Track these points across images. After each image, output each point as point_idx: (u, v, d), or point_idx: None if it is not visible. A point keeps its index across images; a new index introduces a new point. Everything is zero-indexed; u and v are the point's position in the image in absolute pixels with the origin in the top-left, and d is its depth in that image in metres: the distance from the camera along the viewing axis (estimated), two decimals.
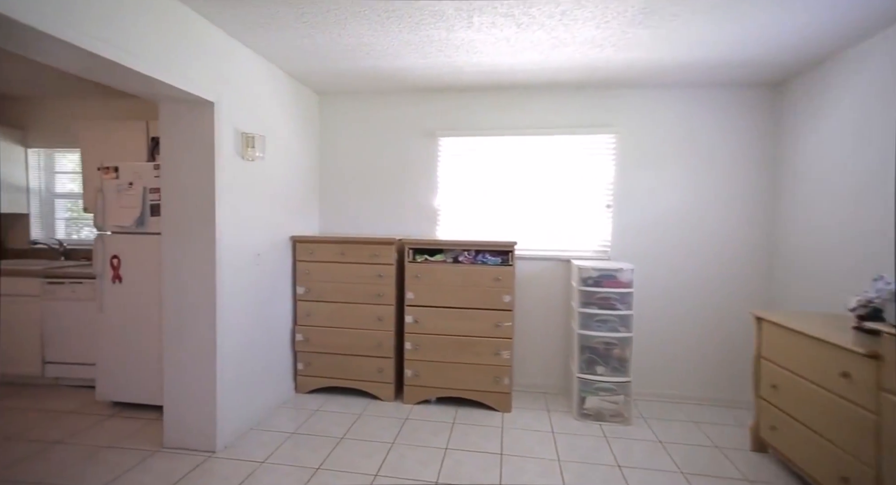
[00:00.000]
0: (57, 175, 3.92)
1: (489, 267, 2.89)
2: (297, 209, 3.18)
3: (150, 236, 2.72)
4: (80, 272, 3.07)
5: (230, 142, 2.43)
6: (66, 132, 3.74)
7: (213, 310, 2.34)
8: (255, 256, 2.68)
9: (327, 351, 3.06)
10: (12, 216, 3.84)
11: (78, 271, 3.08)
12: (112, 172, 2.76)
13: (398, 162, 3.43)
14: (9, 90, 3.57)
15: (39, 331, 3.12)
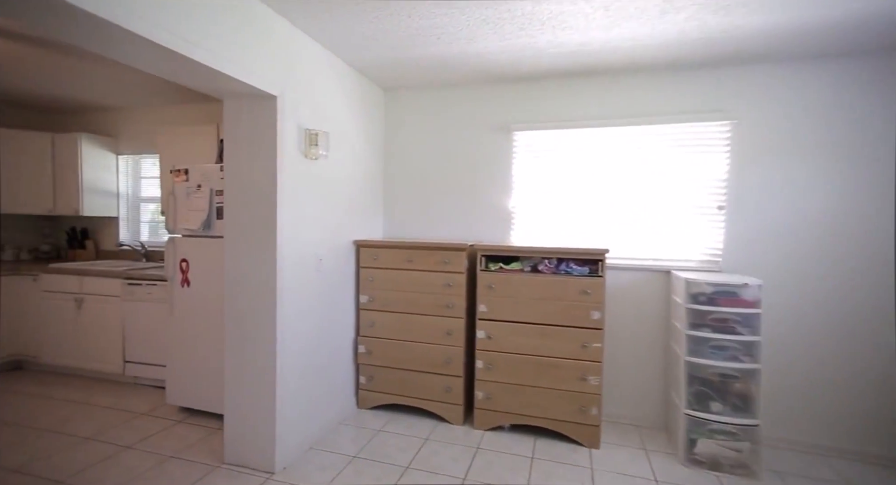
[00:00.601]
0: (142, 180, 4.10)
1: (574, 278, 2.49)
2: (360, 212, 2.99)
3: (216, 240, 2.65)
4: (155, 275, 3.11)
5: (293, 139, 2.27)
6: (149, 139, 3.89)
7: (274, 318, 2.18)
8: (318, 261, 2.51)
9: (391, 365, 2.83)
10: (105, 219, 4.07)
11: (153, 273, 3.12)
12: (182, 174, 2.74)
13: (468, 160, 3.13)
14: (103, 101, 3.78)
15: (121, 330, 3.21)
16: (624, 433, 2.67)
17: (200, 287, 2.71)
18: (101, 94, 3.58)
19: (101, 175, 3.87)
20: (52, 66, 2.89)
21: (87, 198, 3.75)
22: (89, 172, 3.77)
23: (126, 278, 3.18)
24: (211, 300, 2.68)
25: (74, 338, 3.34)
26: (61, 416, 2.72)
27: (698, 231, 2.68)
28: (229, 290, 2.25)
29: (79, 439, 2.45)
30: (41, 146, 3.73)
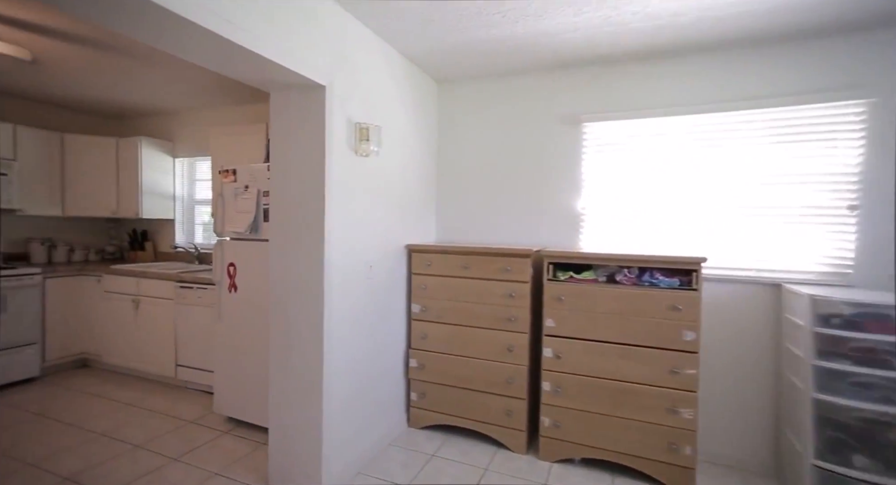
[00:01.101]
0: (197, 182, 4.12)
1: (661, 291, 2.11)
2: (412, 214, 2.75)
3: (263, 243, 2.51)
4: (206, 278, 3.04)
5: (342, 134, 2.06)
6: (204, 141, 3.89)
7: (321, 328, 1.98)
8: (368, 268, 2.29)
9: (445, 382, 2.56)
10: (162, 221, 4.13)
11: (204, 277, 3.06)
12: (230, 174, 2.63)
13: (530, 157, 2.81)
14: (161, 105, 3.82)
15: (173, 334, 3.18)
16: (723, 477, 2.24)
17: (247, 293, 2.58)
18: (160, 99, 3.60)
19: (159, 178, 3.92)
20: (114, 70, 2.90)
21: (147, 200, 3.80)
22: (148, 175, 3.82)
23: (178, 281, 3.15)
24: (257, 307, 2.54)
25: (132, 339, 3.36)
26: (117, 419, 2.70)
27: (818, 236, 2.20)
28: (274, 297, 2.08)
29: (129, 447, 2.39)
30: (106, 150, 3.82)
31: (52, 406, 2.87)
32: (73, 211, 3.74)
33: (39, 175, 3.55)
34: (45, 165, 3.59)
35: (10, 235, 3.62)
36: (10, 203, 3.31)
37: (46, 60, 2.77)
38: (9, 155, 3.36)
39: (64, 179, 3.71)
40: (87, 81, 3.19)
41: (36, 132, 3.52)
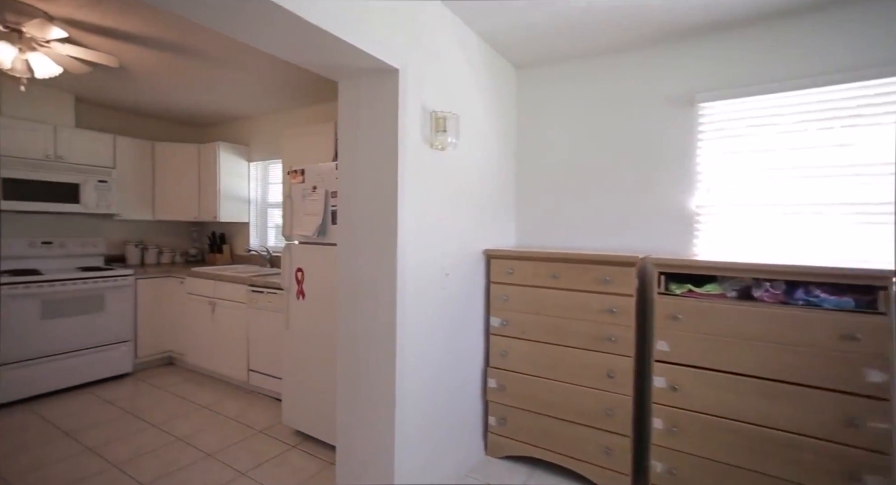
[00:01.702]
0: (270, 185, 4.16)
1: (826, 313, 1.60)
2: (489, 215, 2.45)
3: (331, 248, 2.35)
4: (276, 283, 2.97)
5: (416, 124, 1.81)
6: (276, 144, 3.91)
7: (393, 342, 1.75)
8: (444, 275, 2.03)
9: (530, 408, 2.22)
10: (238, 225, 4.23)
11: (274, 282, 3.00)
12: (298, 175, 2.51)
13: (629, 147, 2.39)
14: (238, 111, 3.89)
15: (246, 338, 3.16)
16: None
17: (316, 300, 2.44)
18: (235, 103, 3.66)
19: (235, 182, 4.00)
20: (193, 75, 2.94)
21: (224, 204, 3.89)
22: (226, 179, 3.91)
23: (250, 285, 3.12)
24: (326, 316, 2.38)
25: (210, 341, 3.42)
26: (194, 423, 2.69)
27: None
28: (343, 306, 1.89)
29: (203, 455, 2.34)
30: (189, 156, 3.97)
31: (141, 404, 2.95)
32: (162, 215, 3.92)
33: (134, 182, 3.75)
34: (139, 172, 3.79)
35: (111, 237, 3.87)
36: (110, 208, 3.52)
37: (132, 67, 2.86)
38: (109, 163, 3.58)
39: (154, 185, 3.90)
40: (171, 89, 3.29)
41: (131, 141, 3.73)
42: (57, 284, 3.06)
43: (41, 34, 2.09)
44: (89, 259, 3.64)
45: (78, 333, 3.18)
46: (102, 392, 3.17)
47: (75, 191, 3.32)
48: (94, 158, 3.49)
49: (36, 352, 2.98)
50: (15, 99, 3.14)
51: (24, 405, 2.91)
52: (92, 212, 3.42)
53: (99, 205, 3.45)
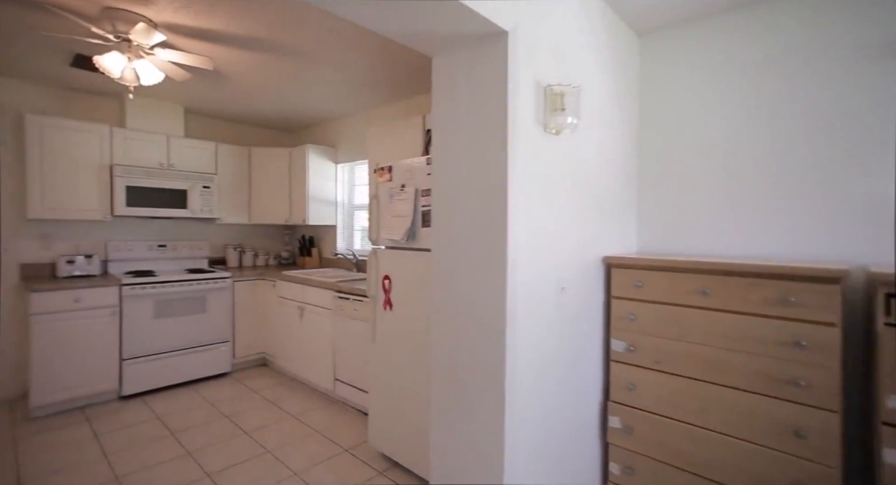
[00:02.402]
0: (356, 187, 4.09)
1: None
2: (609, 214, 2.00)
3: (422, 254, 2.08)
4: (361, 290, 2.80)
5: (528, 102, 1.45)
6: (363, 144, 3.80)
7: (501, 375, 1.41)
8: (559, 290, 1.64)
9: (667, 460, 1.74)
10: (326, 228, 4.22)
11: (359, 288, 2.83)
12: (386, 172, 2.28)
13: (806, 121, 1.78)
14: (326, 113, 3.86)
15: (332, 346, 3.05)
16: None
17: (405, 312, 2.19)
18: (323, 104, 3.61)
19: (323, 184, 3.97)
20: (283, 74, 2.89)
21: (313, 207, 3.88)
22: (314, 182, 3.89)
23: (336, 291, 3.00)
24: (416, 331, 2.12)
25: (299, 346, 3.38)
26: (283, 434, 2.61)
27: None
28: (437, 326, 1.59)
29: (289, 474, 2.21)
30: (281, 160, 4.03)
31: (237, 408, 2.97)
32: (257, 218, 4.03)
33: (232, 187, 3.89)
34: (237, 178, 3.93)
35: (213, 240, 4.07)
36: (212, 212, 3.67)
37: (226, 71, 2.87)
38: (211, 170, 3.74)
39: (250, 190, 4.02)
40: (263, 93, 3.31)
41: (230, 148, 3.87)
42: (167, 285, 3.21)
43: (146, 40, 2.11)
44: (195, 261, 3.84)
45: (184, 333, 3.32)
46: (205, 390, 3.27)
47: (183, 197, 3.50)
48: (199, 165, 3.66)
49: (150, 349, 3.15)
50: (136, 113, 3.37)
51: (140, 398, 3.08)
52: (197, 216, 3.58)
53: (203, 209, 3.61)
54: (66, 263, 3.09)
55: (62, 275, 3.07)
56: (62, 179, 3.01)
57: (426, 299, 2.04)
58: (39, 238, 3.18)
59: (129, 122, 3.34)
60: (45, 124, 2.95)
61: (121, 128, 3.27)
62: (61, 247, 3.27)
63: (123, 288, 3.03)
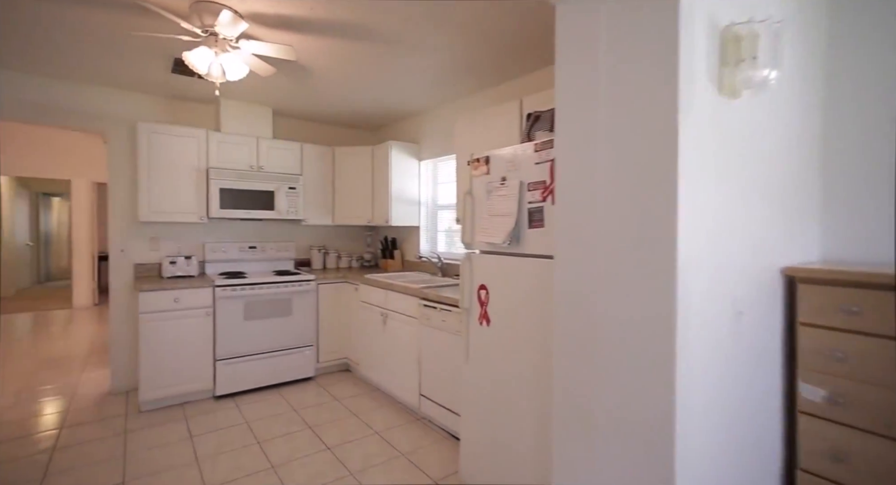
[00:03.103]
0: (440, 185, 3.83)
1: None
2: (791, 210, 1.47)
3: (528, 261, 1.71)
4: (451, 298, 2.50)
5: (700, 51, 1.02)
6: (448, 138, 3.53)
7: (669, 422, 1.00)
8: (736, 314, 1.17)
9: None
10: (409, 229, 4.02)
11: (449, 297, 2.54)
12: (482, 164, 1.95)
13: None
14: (409, 106, 3.65)
15: (417, 358, 2.80)
16: None
17: (505, 330, 1.84)
18: (408, 97, 3.40)
19: (406, 183, 3.77)
20: (366, 62, 2.71)
21: (396, 207, 3.69)
22: (397, 181, 3.71)
23: (422, 299, 2.74)
24: (521, 353, 1.76)
25: (381, 355, 3.19)
26: (366, 455, 2.41)
27: None
28: (562, 350, 1.22)
29: None
30: (363, 159, 3.91)
31: (321, 418, 2.84)
32: (340, 219, 3.95)
33: (316, 187, 3.84)
34: (321, 178, 3.87)
35: (299, 242, 4.07)
36: (297, 214, 3.64)
37: (309, 63, 2.75)
38: (297, 171, 3.71)
39: (334, 190, 3.95)
40: (346, 87, 3.17)
41: (314, 148, 3.83)
42: (256, 287, 3.21)
43: (232, 30, 2.01)
44: (282, 263, 3.85)
45: (271, 335, 3.30)
46: (290, 395, 3.21)
47: (271, 198, 3.50)
48: (286, 166, 3.65)
49: (240, 350, 3.16)
50: (230, 116, 3.44)
51: (231, 399, 3.10)
52: (284, 218, 3.57)
53: (289, 211, 3.59)
54: (170, 263, 3.21)
55: (166, 275, 3.20)
56: (166, 182, 3.13)
57: (534, 317, 1.68)
58: (149, 240, 3.35)
59: (224, 125, 3.41)
60: (153, 131, 3.07)
61: (216, 132, 3.34)
62: (167, 248, 3.42)
63: (216, 289, 3.06)
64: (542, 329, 1.65)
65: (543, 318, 1.63)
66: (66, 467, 2.23)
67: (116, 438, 2.53)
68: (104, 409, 2.93)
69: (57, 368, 3.83)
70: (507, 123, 2.43)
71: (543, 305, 1.63)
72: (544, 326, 1.62)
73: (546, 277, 1.62)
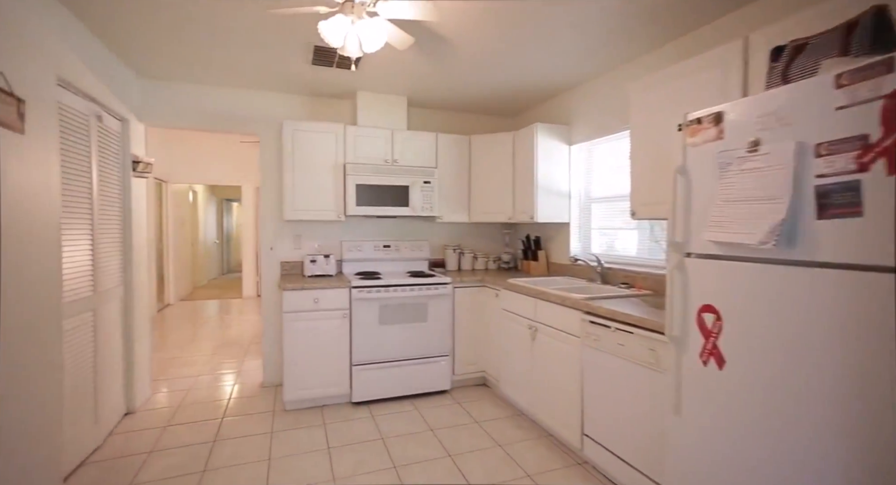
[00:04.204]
0: (594, 174, 3.16)
1: None
2: None
3: (822, 274, 1.01)
4: (632, 316, 1.86)
5: None
6: (607, 115, 2.86)
7: None
8: None
9: None
10: (555, 226, 3.44)
11: (624, 312, 1.90)
12: (709, 125, 1.28)
13: None
14: (560, 81, 3.07)
15: (579, 387, 2.22)
16: None
17: (756, 378, 1.16)
18: (559, 68, 2.82)
19: (553, 172, 3.19)
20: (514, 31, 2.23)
21: (542, 201, 3.14)
22: (544, 169, 3.15)
23: (586, 313, 2.15)
24: (795, 424, 1.07)
25: (528, 376, 2.68)
26: None
27: None
28: None
29: None
30: (503, 148, 3.44)
31: (460, 443, 2.47)
32: (477, 216, 3.55)
33: (451, 181, 3.51)
34: (456, 171, 3.53)
35: (433, 241, 3.80)
36: (432, 210, 3.35)
37: (449, 33, 2.36)
38: (431, 163, 3.43)
39: (470, 184, 3.57)
40: (487, 61, 2.73)
41: (450, 138, 3.50)
42: (391, 289, 2.99)
43: None
44: (416, 263, 3.62)
45: (406, 342, 3.05)
46: (425, 408, 2.92)
47: (406, 194, 3.26)
48: (420, 158, 3.39)
49: (375, 356, 2.97)
50: (366, 107, 3.30)
51: (366, 407, 2.93)
52: (418, 215, 3.31)
53: (423, 207, 3.31)
54: (310, 262, 3.19)
55: (307, 274, 3.18)
56: (307, 180, 3.10)
57: (829, 367, 0.98)
58: (293, 238, 3.40)
59: (360, 118, 3.28)
60: (296, 128, 3.06)
61: (352, 126, 3.22)
62: (308, 246, 3.44)
63: (353, 290, 2.91)
64: (844, 389, 0.94)
65: (852, 369, 0.93)
66: (219, 465, 2.23)
67: (264, 437, 2.51)
68: (257, 402, 3.00)
69: (227, 352, 4.22)
70: (719, 77, 1.69)
71: (852, 349, 0.93)
72: (852, 385, 0.92)
73: (866, 303, 0.91)
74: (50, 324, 1.81)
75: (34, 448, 1.68)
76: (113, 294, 2.57)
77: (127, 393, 2.78)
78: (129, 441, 2.45)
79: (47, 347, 1.78)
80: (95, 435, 2.36)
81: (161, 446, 2.40)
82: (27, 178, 1.66)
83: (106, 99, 2.43)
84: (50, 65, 1.85)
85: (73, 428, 2.11)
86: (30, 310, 1.66)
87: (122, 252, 2.71)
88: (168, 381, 3.43)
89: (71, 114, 2.09)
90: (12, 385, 1.56)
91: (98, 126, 2.39)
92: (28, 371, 1.64)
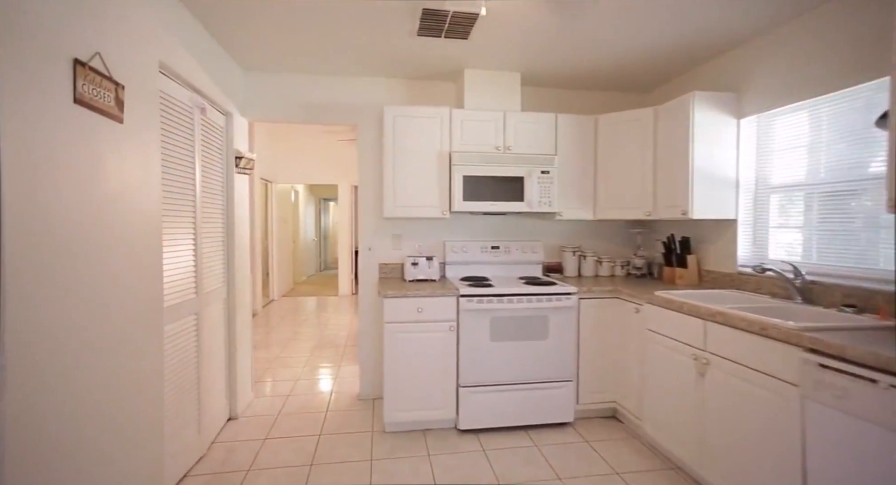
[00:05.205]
0: (773, 155, 2.36)
1: None
2: None
3: None
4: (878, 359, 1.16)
5: None
6: (796, 74, 2.08)
7: None
8: None
9: None
10: (711, 224, 2.70)
11: (873, 351, 1.20)
12: None
13: None
14: (724, 35, 2.35)
15: (799, 457, 1.54)
16: None
17: None
18: (725, 14, 2.11)
19: (714, 154, 2.47)
20: None
21: (699, 191, 2.44)
22: (701, 152, 2.44)
23: (810, 351, 1.46)
24: None
25: (694, 421, 2.03)
26: None
27: None
28: None
29: None
30: (641, 128, 2.78)
31: None
32: (604, 212, 2.93)
33: (573, 171, 2.94)
34: (579, 158, 2.95)
35: (547, 241, 3.26)
36: (551, 205, 2.81)
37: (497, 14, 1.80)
38: (550, 150, 2.89)
39: (596, 174, 2.97)
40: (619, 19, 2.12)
41: (572, 118, 2.92)
42: (506, 300, 2.52)
43: None
44: (529, 267, 3.11)
45: (522, 363, 2.56)
46: (544, 443, 2.42)
47: (520, 186, 2.77)
48: (536, 144, 2.87)
49: (485, 378, 2.53)
50: (474, 87, 2.87)
51: (475, 437, 2.50)
52: (533, 211, 2.79)
53: (541, 202, 2.79)
54: (412, 265, 2.85)
55: (408, 278, 2.85)
56: (409, 171, 2.76)
57: None
58: (392, 238, 3.11)
59: (468, 100, 2.86)
60: (397, 114, 2.73)
61: (459, 109, 2.81)
62: (408, 247, 3.12)
63: (461, 300, 2.49)
64: None
65: None
66: None
67: (363, 465, 2.20)
68: (354, 418, 2.74)
69: (324, 354, 4.11)
70: None
71: None
72: None
73: None
74: (150, 330, 1.64)
75: (134, 462, 1.51)
76: (216, 295, 2.46)
77: (230, 398, 2.68)
78: (230, 453, 2.30)
79: (147, 355, 1.61)
80: (200, 444, 2.24)
81: (260, 463, 2.21)
82: (126, 172, 1.48)
83: (210, 91, 2.30)
84: (152, 49, 1.68)
85: (177, 439, 1.98)
86: (128, 315, 1.48)
87: (224, 251, 2.60)
88: (269, 383, 3.35)
89: (173, 104, 1.94)
90: (110, 397, 1.38)
91: (202, 119, 2.25)
92: (125, 380, 1.47)
